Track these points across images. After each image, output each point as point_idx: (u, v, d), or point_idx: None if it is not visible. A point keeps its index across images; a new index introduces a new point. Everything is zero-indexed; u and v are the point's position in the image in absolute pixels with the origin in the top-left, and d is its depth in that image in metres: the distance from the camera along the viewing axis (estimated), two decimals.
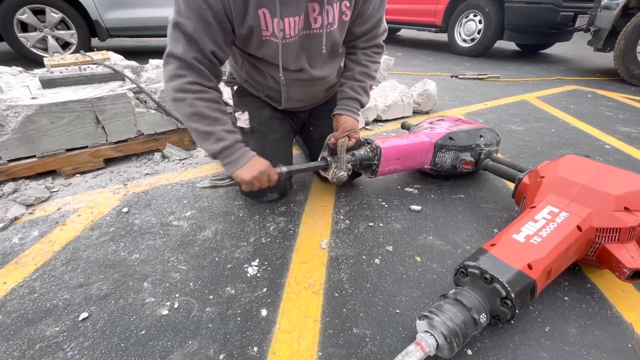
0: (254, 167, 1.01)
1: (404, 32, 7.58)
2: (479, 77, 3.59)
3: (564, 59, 5.01)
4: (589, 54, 5.34)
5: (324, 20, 1.01)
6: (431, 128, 1.47)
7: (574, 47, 6.00)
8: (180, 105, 0.98)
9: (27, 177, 1.46)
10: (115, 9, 3.51)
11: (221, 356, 0.78)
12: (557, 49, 5.78)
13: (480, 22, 4.54)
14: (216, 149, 0.99)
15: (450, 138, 1.39)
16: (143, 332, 0.83)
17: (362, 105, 1.23)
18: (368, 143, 1.30)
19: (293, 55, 1.07)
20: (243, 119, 1.30)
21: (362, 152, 1.27)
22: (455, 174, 1.49)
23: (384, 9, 1.15)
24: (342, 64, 1.31)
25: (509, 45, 5.94)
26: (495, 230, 1.22)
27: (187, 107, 0.96)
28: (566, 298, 0.95)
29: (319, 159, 1.23)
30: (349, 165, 1.22)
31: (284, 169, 1.12)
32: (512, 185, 1.30)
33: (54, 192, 1.41)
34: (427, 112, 2.49)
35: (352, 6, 1.04)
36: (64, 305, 0.90)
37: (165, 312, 0.89)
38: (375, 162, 1.27)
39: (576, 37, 5.20)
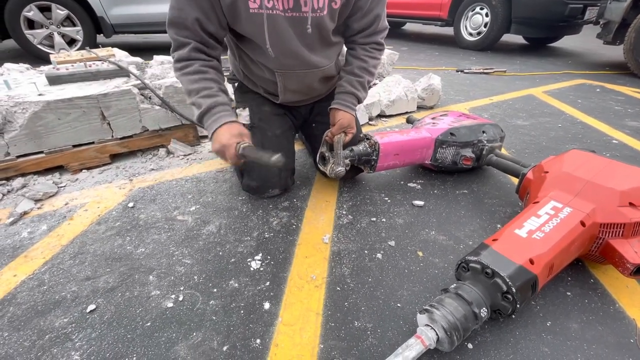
0: (217, 138, 0.99)
1: (409, 27, 7.49)
2: (485, 71, 3.55)
3: (573, 53, 4.93)
4: (598, 47, 5.24)
5: (314, 4, 1.00)
6: (433, 123, 1.47)
7: (583, 40, 5.89)
8: (181, 83, 1.06)
9: (35, 173, 1.49)
10: (120, 6, 3.52)
11: (225, 348, 0.80)
12: (565, 42, 5.68)
13: (486, 15, 4.47)
14: (197, 117, 1.04)
15: (451, 134, 1.38)
16: (149, 323, 0.85)
17: (359, 101, 1.23)
18: (367, 138, 1.30)
19: (282, 34, 1.04)
20: (244, 116, 1.31)
21: (360, 147, 1.27)
22: (457, 169, 1.49)
23: (384, 5, 1.13)
24: (342, 58, 1.30)
25: (516, 38, 5.85)
26: (499, 226, 1.22)
27: (182, 85, 1.04)
28: (569, 293, 0.95)
29: (317, 155, 1.25)
30: (347, 161, 1.23)
31: (243, 145, 0.98)
32: (516, 181, 1.29)
33: (61, 187, 1.44)
34: (431, 107, 2.47)
35: None
36: (72, 298, 0.92)
37: (170, 304, 0.90)
38: (374, 157, 1.28)
39: (585, 30, 5.09)
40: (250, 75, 1.26)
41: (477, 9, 4.56)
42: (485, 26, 4.56)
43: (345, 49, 1.29)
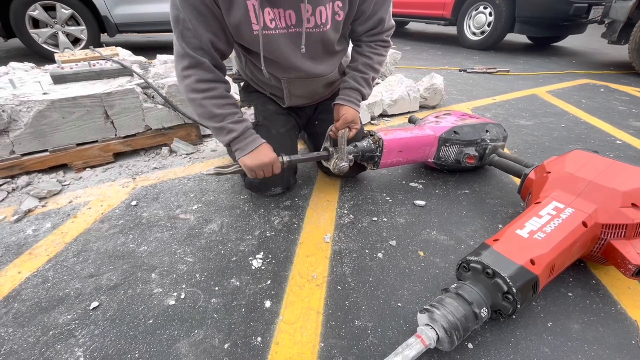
0: (259, 157, 1.06)
1: (413, 26, 7.48)
2: (488, 71, 3.54)
3: (577, 52, 4.89)
4: (603, 47, 5.20)
5: (317, 20, 1.02)
6: (436, 122, 1.46)
7: (588, 40, 5.85)
8: (192, 105, 1.05)
9: (40, 171, 1.50)
10: (124, 5, 3.54)
11: (226, 346, 0.80)
12: (570, 42, 5.64)
13: (490, 14, 4.45)
14: (227, 140, 1.06)
15: (455, 132, 1.38)
16: (151, 321, 0.86)
17: (364, 97, 1.23)
18: (371, 135, 1.30)
19: (283, 51, 1.06)
20: (249, 114, 1.31)
21: (364, 143, 1.27)
22: (460, 168, 1.48)
23: (388, 7, 1.12)
24: (346, 59, 1.30)
25: (520, 38, 5.82)
26: (500, 226, 1.21)
27: (198, 107, 1.03)
28: (570, 294, 0.94)
29: (322, 150, 1.24)
30: (351, 157, 1.23)
31: (286, 159, 1.14)
32: (518, 181, 1.29)
33: (65, 185, 1.45)
34: (434, 107, 2.47)
35: (345, 7, 1.03)
36: (76, 295, 0.93)
37: (172, 302, 0.91)
38: (378, 154, 1.28)
39: (590, 29, 5.07)
40: (256, 80, 1.27)
41: (481, 9, 4.53)
42: (489, 26, 4.54)
43: (348, 52, 1.30)
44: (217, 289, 0.96)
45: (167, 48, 4.54)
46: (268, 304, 0.91)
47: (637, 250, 0.87)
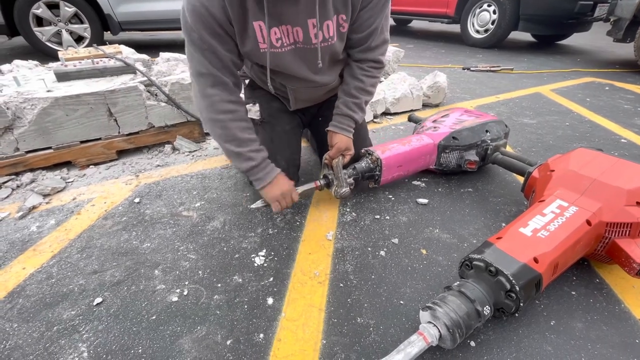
0: (277, 186, 1.09)
1: (415, 24, 7.44)
2: (492, 69, 3.52)
3: (582, 50, 4.85)
4: (608, 45, 5.15)
5: (325, 34, 1.02)
6: (434, 127, 1.45)
7: (593, 38, 5.80)
8: (214, 125, 1.02)
9: (43, 168, 1.51)
10: (127, 3, 3.54)
11: (228, 342, 0.80)
12: (574, 40, 5.59)
13: (494, 12, 4.41)
14: (245, 168, 1.06)
15: (453, 138, 1.37)
16: (154, 317, 0.86)
17: (356, 122, 1.23)
18: (369, 154, 1.30)
19: (290, 67, 1.07)
20: (254, 111, 1.32)
21: (363, 164, 1.28)
22: (462, 171, 1.48)
23: (383, 20, 1.10)
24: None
25: (524, 36, 5.77)
26: (503, 224, 1.21)
27: (221, 128, 1.02)
28: (573, 293, 0.94)
29: (321, 178, 1.26)
30: (351, 180, 1.24)
31: (299, 189, 1.19)
32: (521, 179, 1.28)
33: (69, 182, 1.46)
34: (437, 105, 2.46)
35: (348, 18, 1.04)
36: (80, 291, 0.94)
37: (175, 298, 0.92)
38: (377, 172, 1.28)
39: (595, 27, 5.02)
40: (260, 82, 1.29)
41: (485, 6, 4.50)
42: (492, 23, 4.51)
43: None
44: (219, 285, 0.96)
45: (169, 46, 4.55)
46: (270, 300, 0.91)
47: None
